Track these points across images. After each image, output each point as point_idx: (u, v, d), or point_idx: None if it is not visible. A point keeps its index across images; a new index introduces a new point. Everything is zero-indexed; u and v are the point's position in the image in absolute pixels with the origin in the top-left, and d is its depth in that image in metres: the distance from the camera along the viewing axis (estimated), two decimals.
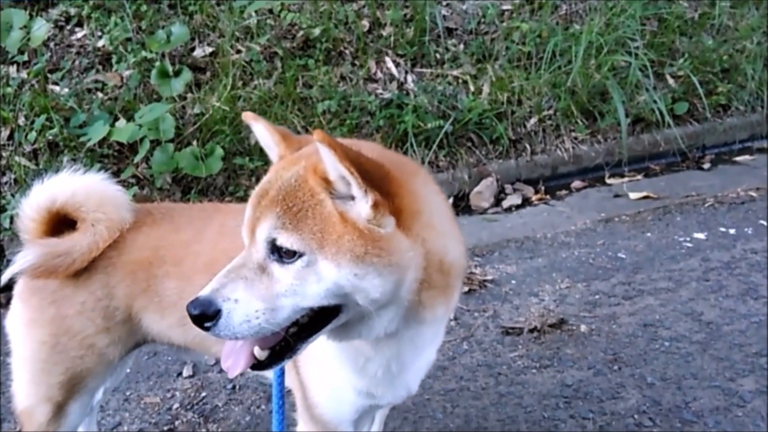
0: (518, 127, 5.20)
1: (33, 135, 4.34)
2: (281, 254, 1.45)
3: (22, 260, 2.00)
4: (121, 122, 4.30)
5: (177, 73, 4.75)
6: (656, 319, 3.49)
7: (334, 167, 1.42)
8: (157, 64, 4.72)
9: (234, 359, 1.56)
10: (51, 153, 4.39)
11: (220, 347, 2.11)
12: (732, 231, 4.37)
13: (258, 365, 1.56)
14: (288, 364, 1.86)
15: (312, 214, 1.45)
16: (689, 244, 4.24)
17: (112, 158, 4.47)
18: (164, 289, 2.06)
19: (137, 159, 4.29)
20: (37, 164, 4.36)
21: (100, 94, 4.74)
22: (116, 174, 4.40)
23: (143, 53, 4.78)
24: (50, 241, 2.04)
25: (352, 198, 1.45)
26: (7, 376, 2.18)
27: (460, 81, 5.29)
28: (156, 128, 4.35)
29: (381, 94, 5.04)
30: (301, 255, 1.44)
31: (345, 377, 1.81)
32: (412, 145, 4.78)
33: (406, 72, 5.27)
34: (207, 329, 1.45)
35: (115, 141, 4.33)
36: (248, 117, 1.73)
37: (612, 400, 2.95)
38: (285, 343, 1.54)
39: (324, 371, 1.86)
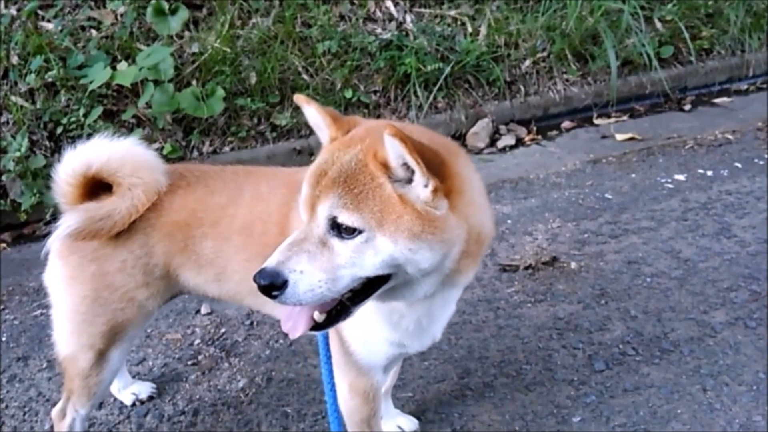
0: (514, 69, 5.32)
1: (32, 77, 4.32)
2: (341, 230, 1.59)
3: (65, 225, 2.08)
4: (123, 64, 4.30)
5: (173, 11, 4.73)
6: (639, 256, 3.73)
7: (398, 156, 1.56)
8: (153, 1, 4.69)
9: (294, 322, 1.71)
10: (48, 93, 4.41)
11: (253, 300, 2.29)
12: (709, 173, 4.61)
13: (316, 327, 1.71)
14: None
15: (372, 196, 1.58)
16: (670, 185, 4.48)
17: (111, 99, 4.48)
18: (201, 249, 2.18)
19: (141, 103, 4.31)
20: (33, 104, 4.38)
21: (94, 32, 4.71)
22: (116, 114, 4.46)
23: None
24: (90, 206, 2.12)
25: (408, 182, 1.60)
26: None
27: (459, 22, 5.34)
28: (155, 68, 4.35)
29: (380, 34, 5.07)
30: (360, 232, 1.58)
31: (380, 330, 1.99)
32: (413, 86, 4.88)
33: (405, 11, 5.30)
34: (274, 297, 1.58)
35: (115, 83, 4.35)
36: (300, 100, 1.82)
37: (599, 332, 3.18)
38: (341, 307, 1.69)
39: (361, 325, 2.02)
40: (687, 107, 5.74)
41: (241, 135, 4.60)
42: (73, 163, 2.12)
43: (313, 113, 1.80)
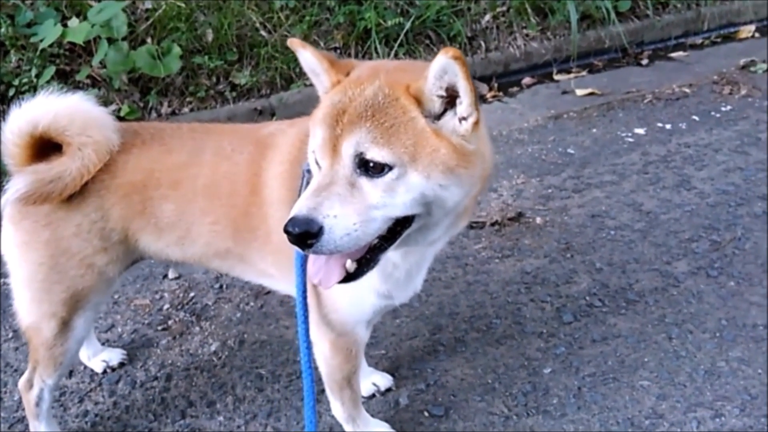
0: (474, 24, 5.28)
1: None
2: (368, 168, 1.54)
3: (13, 189, 1.99)
4: (74, 21, 4.12)
5: None
6: (602, 210, 3.79)
7: (445, 84, 1.53)
8: None
9: (326, 272, 1.65)
10: None
11: (220, 262, 2.25)
12: (668, 126, 4.69)
13: (348, 278, 1.65)
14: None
15: (405, 130, 1.54)
16: (630, 139, 4.55)
17: (64, 58, 4.31)
18: (161, 212, 2.10)
19: (95, 62, 4.15)
20: None
21: None
22: (70, 75, 4.29)
23: None
24: (39, 168, 2.01)
25: (437, 117, 1.58)
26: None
27: None
28: (108, 25, 4.19)
29: None
30: (390, 168, 1.53)
31: (368, 282, 1.94)
32: (374, 42, 4.80)
33: None
34: (310, 246, 1.51)
35: (68, 40, 4.18)
36: (295, 44, 1.74)
37: (566, 285, 3.24)
38: (369, 255, 1.64)
39: None
40: (644, 62, 5.82)
41: (199, 95, 4.48)
42: (19, 122, 2.00)
43: (309, 58, 1.74)
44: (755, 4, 6.33)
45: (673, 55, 5.92)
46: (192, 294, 3.25)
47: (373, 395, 2.67)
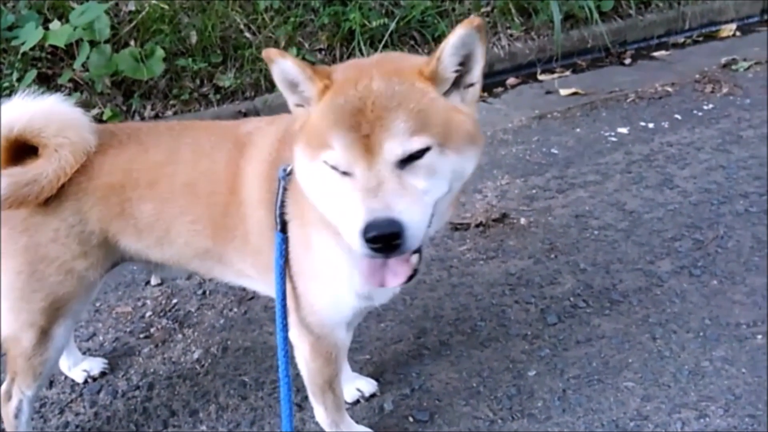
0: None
1: None
2: (409, 157, 1.51)
3: None
4: (55, 24, 4.09)
5: None
6: (586, 210, 3.79)
7: (464, 54, 1.57)
8: None
9: (389, 272, 1.61)
10: None
11: (199, 263, 2.21)
12: (651, 125, 4.71)
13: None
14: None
15: (433, 111, 1.54)
16: (614, 139, 4.56)
17: (46, 61, 4.27)
18: (140, 212, 2.06)
19: (77, 65, 4.11)
20: None
21: None
22: (52, 78, 4.25)
23: None
24: (14, 171, 1.97)
25: (449, 92, 1.60)
26: None
27: None
28: (90, 27, 4.16)
29: None
30: (428, 150, 1.52)
31: (348, 283, 1.92)
32: (359, 43, 4.79)
33: None
34: (395, 248, 1.45)
35: (49, 43, 4.14)
36: (272, 54, 1.67)
37: (550, 286, 3.24)
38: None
39: (328, 280, 1.96)
40: (627, 61, 5.85)
41: (183, 98, 4.45)
42: None
43: (291, 67, 1.67)
44: (736, 3, 6.39)
45: (655, 54, 5.96)
46: (175, 301, 3.23)
47: (358, 401, 2.65)
